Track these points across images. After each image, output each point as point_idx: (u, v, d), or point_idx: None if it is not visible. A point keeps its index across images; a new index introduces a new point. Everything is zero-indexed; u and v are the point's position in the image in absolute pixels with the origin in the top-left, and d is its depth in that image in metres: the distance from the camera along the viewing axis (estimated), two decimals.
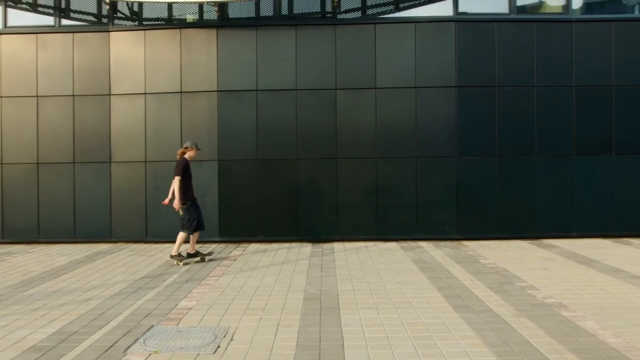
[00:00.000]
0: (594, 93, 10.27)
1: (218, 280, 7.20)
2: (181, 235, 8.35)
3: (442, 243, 9.91)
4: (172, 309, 5.82)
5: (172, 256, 8.32)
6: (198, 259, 8.47)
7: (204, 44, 10.34)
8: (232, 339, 4.79)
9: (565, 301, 5.91)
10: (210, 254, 8.99)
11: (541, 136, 10.22)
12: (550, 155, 10.24)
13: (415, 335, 4.82)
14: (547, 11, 10.68)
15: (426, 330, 4.96)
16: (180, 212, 8.36)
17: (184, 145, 8.53)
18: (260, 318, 5.42)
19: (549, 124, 10.22)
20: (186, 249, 8.54)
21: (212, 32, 10.35)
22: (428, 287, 6.60)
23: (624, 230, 10.31)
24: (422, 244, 9.89)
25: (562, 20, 10.29)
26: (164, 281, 7.16)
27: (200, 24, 10.52)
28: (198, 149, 8.55)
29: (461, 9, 10.32)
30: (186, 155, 8.42)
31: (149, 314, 5.63)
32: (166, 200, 8.51)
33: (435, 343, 4.62)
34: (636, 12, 10.85)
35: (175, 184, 8.19)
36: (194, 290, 6.63)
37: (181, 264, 8.26)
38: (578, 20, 10.29)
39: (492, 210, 10.20)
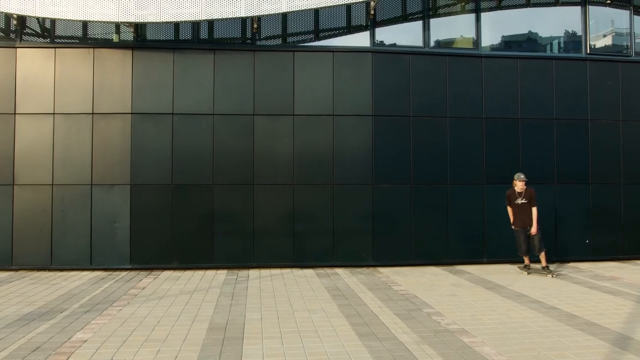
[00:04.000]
0: (502, 125, 10.79)
1: (121, 310, 6.87)
2: (541, 255, 9.52)
3: (358, 270, 9.97)
4: (65, 342, 5.47)
5: (543, 267, 9.48)
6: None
7: (119, 64, 10.05)
8: None
9: (468, 327, 6.04)
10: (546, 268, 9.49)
11: (453, 165, 10.59)
12: (462, 183, 10.62)
13: None
14: (459, 46, 11.17)
15: (327, 359, 4.91)
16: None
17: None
18: (159, 350, 5.19)
19: (460, 153, 10.61)
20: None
21: (128, 53, 10.08)
22: (337, 315, 6.57)
23: (530, 256, 10.75)
24: (339, 270, 9.91)
25: (472, 55, 10.81)
26: (62, 312, 6.75)
27: (116, 44, 10.23)
28: (520, 180, 9.52)
29: (378, 40, 10.63)
30: (516, 187, 9.56)
31: (38, 348, 5.26)
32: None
33: None
34: (548, 51, 11.55)
35: (509, 211, 9.83)
36: (93, 321, 6.28)
37: (549, 275, 9.30)
38: (487, 56, 10.83)
39: (407, 237, 10.40)
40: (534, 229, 9.40)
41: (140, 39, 10.28)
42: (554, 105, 10.97)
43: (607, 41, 11.81)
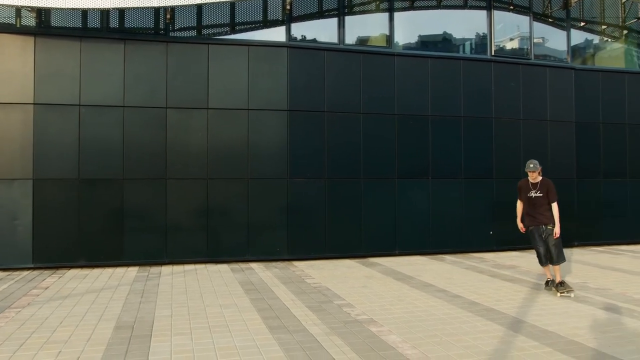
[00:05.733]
0: (413, 122, 11.17)
1: (20, 311, 6.51)
2: (558, 268, 7.56)
3: (273, 264, 10.01)
4: None
5: (558, 284, 7.48)
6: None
7: (20, 51, 9.46)
8: None
9: (376, 317, 6.23)
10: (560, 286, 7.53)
11: (367, 160, 10.85)
12: (375, 178, 10.90)
13: None
14: (374, 44, 11.42)
15: (237, 354, 4.91)
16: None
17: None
18: (60, 352, 4.97)
19: (374, 149, 10.89)
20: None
21: (29, 40, 9.51)
22: (249, 309, 6.57)
23: (439, 247, 11.27)
24: (254, 265, 9.90)
25: (386, 54, 11.10)
26: None
27: (16, 29, 9.62)
28: (530, 170, 7.63)
29: (294, 35, 10.68)
30: (529, 177, 7.72)
31: None
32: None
33: None
34: (460, 52, 12.04)
35: (518, 206, 7.96)
36: None
37: (559, 294, 7.40)
38: (399, 55, 11.16)
39: (322, 231, 10.56)
40: (557, 229, 7.45)
41: (44, 25, 9.75)
42: (462, 103, 11.49)
43: (514, 44, 12.52)
